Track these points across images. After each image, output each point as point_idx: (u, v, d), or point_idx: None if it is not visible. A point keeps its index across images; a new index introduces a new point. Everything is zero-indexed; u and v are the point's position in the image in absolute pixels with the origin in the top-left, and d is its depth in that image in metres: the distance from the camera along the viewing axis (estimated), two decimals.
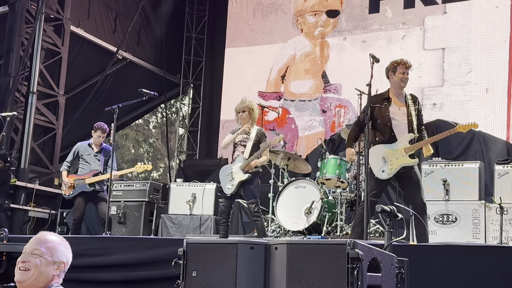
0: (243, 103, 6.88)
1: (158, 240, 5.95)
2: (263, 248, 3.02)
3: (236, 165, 6.66)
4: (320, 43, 11.94)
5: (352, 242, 2.78)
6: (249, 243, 3.02)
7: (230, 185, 6.66)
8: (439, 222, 6.88)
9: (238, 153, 6.74)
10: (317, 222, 7.24)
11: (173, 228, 8.59)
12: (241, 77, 12.62)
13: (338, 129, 10.96)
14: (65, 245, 2.85)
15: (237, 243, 3.01)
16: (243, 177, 6.57)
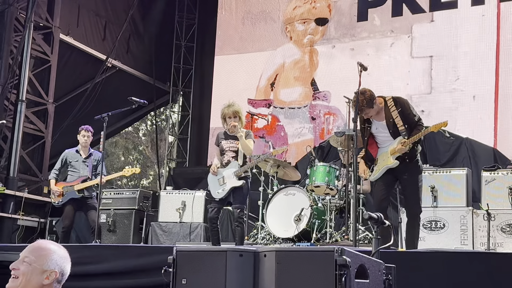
0: (232, 107, 6.78)
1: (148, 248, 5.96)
2: (252, 255, 3.04)
3: (228, 170, 6.66)
4: (309, 51, 12.00)
5: (340, 249, 2.81)
6: (239, 250, 3.05)
7: (221, 189, 6.66)
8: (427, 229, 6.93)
9: (228, 158, 6.72)
10: (307, 229, 7.25)
11: (163, 236, 8.59)
12: (230, 84, 12.65)
13: (327, 136, 11.00)
14: (60, 254, 2.79)
15: (226, 250, 3.03)
16: (237, 184, 6.58)
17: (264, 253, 3.02)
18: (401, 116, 5.73)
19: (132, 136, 22.41)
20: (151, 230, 8.74)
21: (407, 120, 5.75)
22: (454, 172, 7.08)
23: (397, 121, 5.73)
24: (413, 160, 5.78)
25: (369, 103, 5.65)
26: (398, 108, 5.76)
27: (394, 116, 5.74)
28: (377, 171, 5.82)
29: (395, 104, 5.79)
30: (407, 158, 5.71)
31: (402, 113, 5.74)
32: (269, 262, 2.96)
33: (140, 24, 13.11)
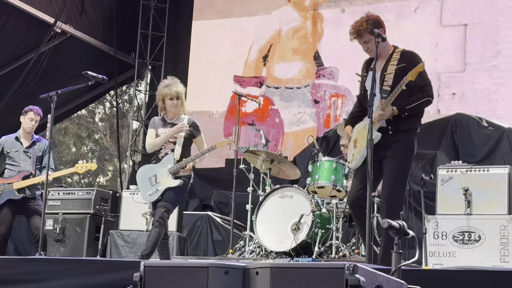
0: (175, 86, 6.79)
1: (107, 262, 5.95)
2: (240, 272, 3.04)
3: (163, 167, 6.69)
4: (312, 16, 12.00)
5: (352, 266, 2.82)
6: (224, 266, 3.04)
7: (153, 190, 6.70)
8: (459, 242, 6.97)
9: (167, 150, 6.77)
10: (307, 241, 7.28)
11: (125, 247, 8.59)
12: (212, 57, 12.63)
13: (333, 124, 11.03)
14: None
15: (208, 266, 3.03)
16: (173, 183, 6.63)
17: (256, 270, 3.01)
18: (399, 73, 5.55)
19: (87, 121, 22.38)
20: (110, 240, 8.74)
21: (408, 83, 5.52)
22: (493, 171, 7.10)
23: (388, 77, 5.60)
24: (399, 132, 5.61)
25: (371, 27, 5.58)
26: (402, 63, 5.61)
27: (389, 70, 5.60)
28: (357, 154, 5.76)
29: (401, 58, 5.66)
30: (390, 130, 5.64)
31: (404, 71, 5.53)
32: (262, 282, 2.96)
33: None
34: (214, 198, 10.65)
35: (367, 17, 5.71)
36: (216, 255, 8.81)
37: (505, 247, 6.79)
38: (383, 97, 5.56)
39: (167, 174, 6.65)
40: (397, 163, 5.61)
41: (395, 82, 5.57)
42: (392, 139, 5.60)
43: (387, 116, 5.52)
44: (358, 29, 5.65)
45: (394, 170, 5.60)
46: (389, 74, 5.62)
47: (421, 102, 5.57)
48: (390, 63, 5.67)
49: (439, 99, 10.64)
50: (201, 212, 9.89)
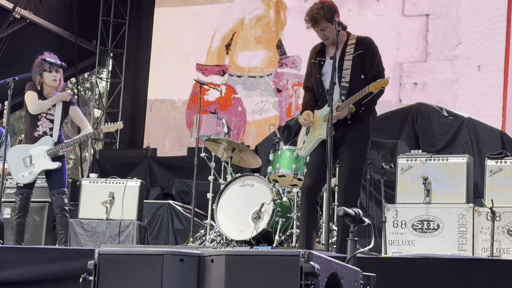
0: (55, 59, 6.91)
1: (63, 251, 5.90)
2: (195, 260, 3.03)
3: (39, 148, 6.79)
4: (275, 4, 12.00)
5: (307, 254, 2.82)
6: (178, 254, 3.03)
7: (28, 172, 6.81)
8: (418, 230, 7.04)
9: (45, 129, 6.86)
10: (268, 229, 7.28)
11: (85, 236, 8.53)
12: (174, 45, 12.57)
13: (296, 113, 11.05)
14: None
15: (163, 254, 3.02)
16: (51, 166, 6.77)
17: (211, 258, 3.01)
18: (356, 61, 5.59)
19: None
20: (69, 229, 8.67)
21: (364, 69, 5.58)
22: (452, 161, 7.18)
23: (346, 64, 5.59)
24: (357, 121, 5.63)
25: (327, 14, 5.58)
26: (359, 50, 5.62)
27: (347, 58, 5.59)
28: (308, 143, 5.79)
29: (357, 45, 5.66)
30: (349, 120, 5.59)
31: (361, 58, 5.59)
32: (217, 269, 2.96)
33: None
34: (175, 186, 10.61)
35: (321, 3, 5.68)
36: (177, 243, 8.79)
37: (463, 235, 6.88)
38: (342, 94, 5.57)
39: (44, 155, 6.76)
40: (353, 152, 5.63)
41: (353, 72, 5.59)
42: (348, 128, 5.62)
43: (344, 116, 5.53)
44: (315, 17, 5.62)
45: (351, 159, 5.63)
46: (347, 63, 5.62)
47: (376, 94, 5.58)
48: (347, 51, 5.67)
49: (401, 89, 10.72)
50: (162, 200, 9.85)
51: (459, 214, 6.90)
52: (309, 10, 5.68)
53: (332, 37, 5.63)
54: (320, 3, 5.69)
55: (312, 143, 5.71)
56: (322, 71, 5.73)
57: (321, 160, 5.54)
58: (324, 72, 5.70)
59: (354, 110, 5.53)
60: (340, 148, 5.65)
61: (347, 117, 5.59)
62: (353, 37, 5.74)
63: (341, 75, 5.61)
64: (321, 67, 5.75)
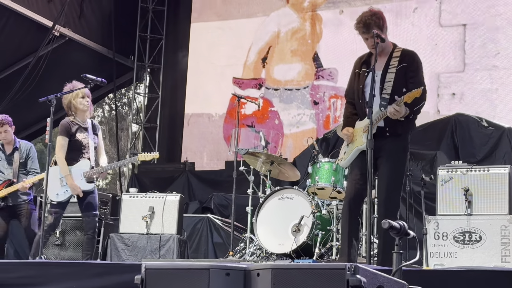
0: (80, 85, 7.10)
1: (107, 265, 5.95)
2: (241, 274, 3.05)
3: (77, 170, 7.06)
4: (311, 17, 12.01)
5: (353, 267, 2.83)
6: (224, 268, 3.05)
7: (63, 191, 7.07)
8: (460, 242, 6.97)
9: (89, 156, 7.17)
10: (308, 242, 7.27)
11: (126, 250, 8.58)
12: (211, 59, 12.64)
13: (333, 125, 11.03)
14: None
15: (209, 268, 3.04)
16: (86, 187, 7.06)
17: (257, 272, 3.02)
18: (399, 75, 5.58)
19: None
20: (110, 243, 8.72)
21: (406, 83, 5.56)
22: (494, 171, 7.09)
23: (387, 85, 5.60)
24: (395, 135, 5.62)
25: (378, 22, 5.59)
26: (403, 63, 5.63)
27: (390, 71, 5.60)
28: (348, 154, 5.78)
29: (401, 58, 5.65)
30: (388, 132, 5.62)
31: (404, 71, 5.59)
32: (263, 283, 2.97)
33: None
34: (214, 200, 10.65)
35: (372, 12, 5.70)
36: (217, 257, 8.81)
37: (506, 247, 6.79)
38: (382, 105, 5.56)
39: (81, 177, 7.03)
40: (392, 164, 5.62)
41: (396, 84, 5.58)
42: (387, 140, 5.61)
43: (402, 114, 5.49)
44: (368, 23, 5.60)
45: (390, 171, 5.62)
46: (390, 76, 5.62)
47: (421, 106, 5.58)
48: (391, 64, 5.66)
49: (439, 100, 10.65)
50: (201, 214, 9.89)
51: (502, 225, 6.82)
52: (361, 16, 5.68)
53: (381, 45, 5.62)
54: (370, 11, 5.72)
55: (352, 154, 5.71)
56: (365, 82, 5.73)
57: (361, 171, 5.54)
58: (367, 83, 5.69)
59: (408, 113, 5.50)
60: (379, 159, 5.64)
61: (386, 129, 5.58)
62: (398, 50, 5.73)
63: (383, 87, 5.60)
64: (364, 78, 5.75)
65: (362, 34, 5.69)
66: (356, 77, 5.83)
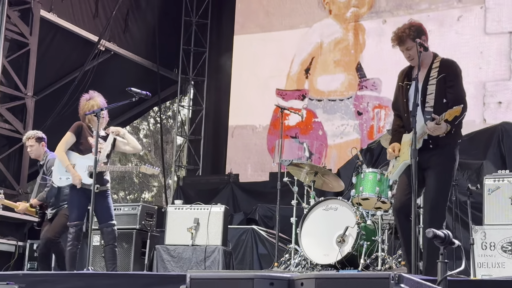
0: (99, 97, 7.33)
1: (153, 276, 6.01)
2: (285, 284, 3.06)
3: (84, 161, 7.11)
4: (354, 28, 12.00)
5: (397, 276, 2.82)
6: (268, 277, 3.07)
7: (65, 177, 7.14)
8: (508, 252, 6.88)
9: None
10: (353, 253, 7.25)
11: (171, 262, 8.64)
12: (254, 71, 12.70)
13: (377, 135, 10.98)
14: None
15: (254, 278, 3.06)
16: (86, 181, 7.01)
17: (300, 281, 3.04)
18: (439, 85, 5.56)
19: None
20: (156, 255, 8.80)
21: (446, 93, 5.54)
22: None
23: (430, 89, 5.59)
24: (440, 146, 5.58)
25: (414, 34, 5.58)
26: (442, 73, 5.60)
27: (431, 83, 5.58)
28: (395, 167, 5.75)
29: (440, 67, 5.62)
30: (431, 144, 5.58)
31: (443, 81, 5.56)
32: None
33: None
34: (258, 211, 10.67)
35: (409, 24, 5.70)
36: (262, 268, 8.81)
37: None
38: (427, 119, 5.55)
39: (85, 169, 7.03)
40: (438, 175, 5.58)
41: (437, 96, 5.56)
42: (432, 152, 5.58)
43: (442, 131, 5.48)
44: (401, 36, 5.63)
45: (436, 182, 5.58)
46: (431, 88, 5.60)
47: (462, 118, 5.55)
48: (431, 75, 5.65)
49: (485, 108, 10.53)
50: (246, 226, 9.91)
51: None
52: (397, 29, 5.70)
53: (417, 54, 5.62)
54: (408, 23, 5.72)
55: (399, 168, 5.70)
56: (408, 95, 5.72)
57: (409, 183, 5.52)
58: (410, 95, 5.68)
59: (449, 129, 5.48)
60: (426, 172, 5.62)
61: (429, 141, 5.56)
62: (437, 60, 5.71)
63: (425, 100, 5.59)
64: (407, 90, 5.74)
65: (397, 46, 5.70)
66: (400, 90, 5.83)
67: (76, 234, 7.02)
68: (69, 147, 7.17)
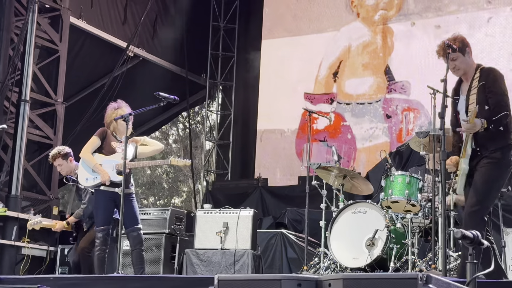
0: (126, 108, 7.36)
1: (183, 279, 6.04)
2: (313, 285, 3.06)
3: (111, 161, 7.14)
4: (382, 31, 11.96)
5: (425, 276, 2.81)
6: (295, 279, 3.07)
7: (92, 177, 7.15)
8: None
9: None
10: (382, 256, 7.21)
11: (201, 266, 8.66)
12: (282, 75, 12.71)
13: (406, 138, 10.93)
14: None
15: (281, 279, 3.06)
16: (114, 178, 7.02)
17: (328, 282, 3.04)
18: (480, 94, 5.59)
19: None
20: (185, 259, 8.83)
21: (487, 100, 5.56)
22: None
23: (472, 99, 5.62)
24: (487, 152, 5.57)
25: (459, 45, 5.65)
26: (481, 81, 5.65)
27: (472, 92, 5.64)
28: (458, 180, 5.76)
29: (480, 76, 5.68)
30: (478, 151, 5.59)
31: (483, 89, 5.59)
32: None
33: (169, 3, 13.31)
34: (287, 215, 10.66)
35: (454, 37, 5.80)
36: (291, 272, 8.80)
37: None
38: None
39: (113, 168, 7.05)
40: (481, 180, 5.57)
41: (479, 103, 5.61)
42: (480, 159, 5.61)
43: (478, 127, 5.48)
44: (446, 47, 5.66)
45: (478, 187, 5.57)
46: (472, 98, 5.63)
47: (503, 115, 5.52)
48: (473, 85, 5.71)
49: None
50: (275, 230, 9.91)
51: None
52: (441, 42, 5.77)
53: (463, 68, 5.71)
54: (453, 36, 5.83)
55: (460, 180, 5.70)
56: (457, 109, 5.77)
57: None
58: (459, 109, 5.77)
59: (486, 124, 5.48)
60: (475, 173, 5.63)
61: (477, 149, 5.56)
62: (479, 69, 5.77)
63: (467, 109, 5.61)
64: (456, 105, 5.78)
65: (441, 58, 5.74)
66: (452, 106, 5.87)
67: (103, 239, 7.05)
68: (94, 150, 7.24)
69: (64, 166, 7.97)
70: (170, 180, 23.19)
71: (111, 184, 7.02)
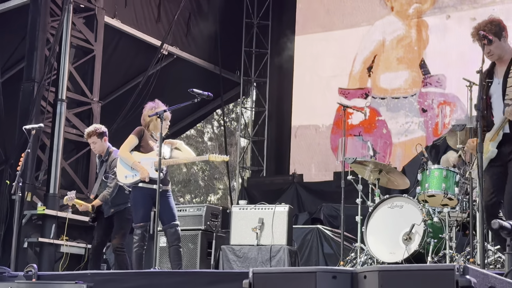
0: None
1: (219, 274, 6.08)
2: (348, 277, 3.05)
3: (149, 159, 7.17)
4: (417, 24, 11.87)
5: (462, 267, 2.78)
6: (331, 271, 3.07)
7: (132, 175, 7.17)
8: None
9: None
10: (420, 251, 7.17)
11: (237, 262, 8.68)
12: (316, 71, 12.68)
13: (443, 131, 10.84)
14: None
15: (316, 271, 3.06)
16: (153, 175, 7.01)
17: (363, 274, 3.03)
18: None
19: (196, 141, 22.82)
20: (222, 255, 8.86)
21: None
22: None
23: (510, 81, 5.51)
24: None
25: (494, 29, 5.54)
26: None
27: (510, 75, 5.52)
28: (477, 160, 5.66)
29: None
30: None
31: None
32: (370, 285, 2.96)
33: (203, 1, 13.35)
34: (323, 211, 10.64)
35: (490, 19, 5.68)
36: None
37: None
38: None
39: (151, 165, 7.06)
40: None
41: None
42: None
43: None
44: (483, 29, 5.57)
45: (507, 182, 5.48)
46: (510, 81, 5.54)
47: None
48: (511, 69, 5.59)
49: None
50: (311, 225, 9.90)
51: None
52: (477, 24, 5.66)
53: (498, 54, 5.59)
54: (489, 19, 5.71)
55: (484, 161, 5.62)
56: (489, 92, 5.67)
57: (493, 180, 5.52)
58: (491, 93, 5.65)
59: None
60: (509, 163, 5.54)
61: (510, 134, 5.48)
62: None
63: (505, 93, 5.52)
64: (488, 88, 5.68)
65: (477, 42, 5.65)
66: (482, 89, 5.76)
67: (142, 235, 7.09)
68: (131, 149, 7.29)
69: (98, 144, 8.01)
70: (206, 178, 23.30)
71: (150, 181, 7.06)
